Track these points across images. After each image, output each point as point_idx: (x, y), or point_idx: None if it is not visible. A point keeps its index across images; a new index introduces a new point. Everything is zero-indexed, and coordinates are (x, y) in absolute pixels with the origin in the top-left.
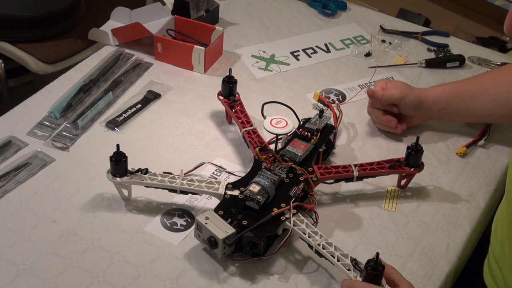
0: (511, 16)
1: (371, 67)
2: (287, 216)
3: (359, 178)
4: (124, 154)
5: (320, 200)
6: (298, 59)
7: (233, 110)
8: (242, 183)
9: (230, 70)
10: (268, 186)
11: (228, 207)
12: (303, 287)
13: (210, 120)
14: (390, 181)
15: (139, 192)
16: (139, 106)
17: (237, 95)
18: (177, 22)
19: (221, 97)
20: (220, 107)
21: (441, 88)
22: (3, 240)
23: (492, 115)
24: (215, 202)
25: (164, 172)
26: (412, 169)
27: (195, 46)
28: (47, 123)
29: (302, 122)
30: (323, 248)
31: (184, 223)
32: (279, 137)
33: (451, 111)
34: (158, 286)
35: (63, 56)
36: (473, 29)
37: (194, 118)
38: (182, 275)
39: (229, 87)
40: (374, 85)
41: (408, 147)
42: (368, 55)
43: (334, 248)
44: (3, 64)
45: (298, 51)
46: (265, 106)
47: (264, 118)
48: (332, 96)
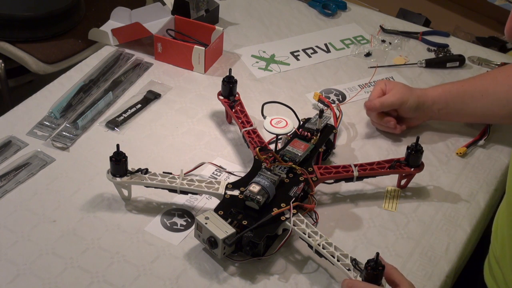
0: None
1: (371, 67)
2: (287, 216)
3: (359, 178)
4: (124, 154)
5: (320, 200)
6: (298, 59)
7: (233, 110)
8: (242, 183)
9: (230, 70)
10: (268, 186)
11: (228, 207)
12: (303, 287)
13: (210, 120)
14: (390, 181)
15: (139, 192)
16: (139, 106)
17: (237, 95)
18: (177, 22)
19: (221, 97)
20: (220, 107)
21: (441, 88)
22: (3, 240)
23: (492, 115)
24: (215, 202)
25: (164, 172)
26: (412, 169)
27: (195, 46)
28: (47, 123)
29: (302, 122)
30: (323, 248)
31: (184, 223)
32: (279, 137)
33: (451, 111)
34: (158, 286)
35: (63, 56)
36: (473, 29)
37: (194, 118)
38: (182, 275)
39: (229, 87)
40: (374, 85)
41: (408, 147)
42: (368, 55)
43: (334, 248)
44: (3, 64)
45: (298, 51)
46: (265, 106)
47: (264, 118)
48: (332, 96)
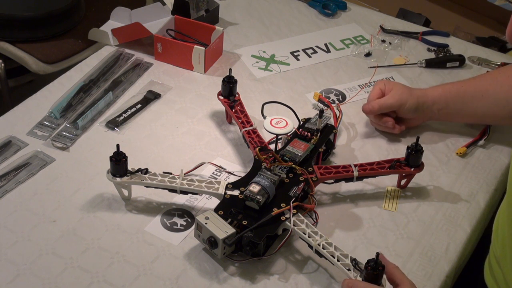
0: None
1: (371, 67)
2: (287, 216)
3: (359, 178)
4: (124, 154)
5: (320, 200)
6: (298, 59)
7: (233, 110)
8: (242, 183)
9: (230, 70)
10: (268, 186)
11: (228, 207)
12: (303, 287)
13: (210, 120)
14: (390, 181)
15: (139, 192)
16: (139, 106)
17: (237, 95)
18: (177, 22)
19: (221, 97)
20: (220, 107)
21: (441, 88)
22: (3, 240)
23: (492, 116)
24: (215, 202)
25: (164, 172)
26: (412, 169)
27: (195, 46)
28: (47, 123)
29: (302, 122)
30: (323, 248)
31: (184, 223)
32: (279, 137)
33: (451, 111)
34: (158, 286)
35: (63, 56)
36: (473, 29)
37: (194, 118)
38: (182, 275)
39: (229, 87)
40: (373, 85)
41: (408, 147)
42: (368, 55)
43: (334, 248)
44: (3, 64)
45: (298, 51)
46: (265, 106)
47: (264, 118)
48: (332, 96)
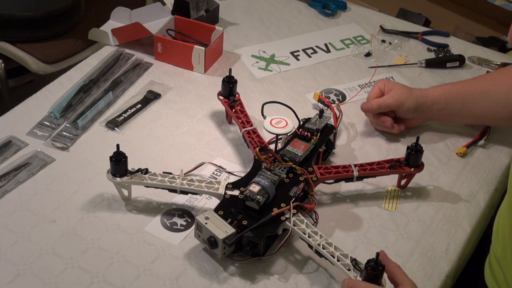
0: None
1: (371, 67)
2: (287, 216)
3: (359, 178)
4: (124, 154)
5: (320, 200)
6: (298, 59)
7: (233, 110)
8: (242, 183)
9: (230, 70)
10: (268, 186)
11: (228, 207)
12: (303, 287)
13: (210, 120)
14: (390, 181)
15: (139, 192)
16: (139, 106)
17: (237, 95)
18: (177, 22)
19: (221, 97)
20: (220, 107)
21: (441, 88)
22: (3, 240)
23: (492, 117)
24: (215, 202)
25: (164, 172)
26: (412, 169)
27: (195, 46)
28: (47, 123)
29: (302, 122)
30: (323, 248)
31: (184, 223)
32: (279, 137)
33: (451, 111)
34: (158, 286)
35: (63, 56)
36: (473, 29)
37: (194, 118)
38: (182, 275)
39: (229, 87)
40: (373, 85)
41: (408, 147)
42: (368, 55)
43: (334, 248)
44: (3, 64)
45: (298, 51)
46: (265, 106)
47: (264, 118)
48: (332, 96)
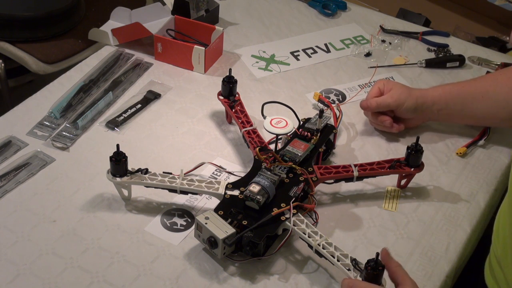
0: None
1: (371, 67)
2: (287, 216)
3: (359, 178)
4: (124, 154)
5: (320, 200)
6: (298, 59)
7: (233, 110)
8: (242, 183)
9: (230, 70)
10: (268, 186)
11: (228, 207)
12: (303, 287)
13: (210, 120)
14: (390, 181)
15: (139, 192)
16: (139, 106)
17: (237, 95)
18: (177, 22)
19: (221, 97)
20: (220, 107)
21: (441, 88)
22: (3, 240)
23: (492, 117)
24: (215, 202)
25: (164, 172)
26: (412, 169)
27: (195, 46)
28: (47, 123)
29: (302, 122)
30: (323, 248)
31: (184, 223)
32: (279, 137)
33: (451, 112)
34: (158, 286)
35: (63, 56)
36: (473, 29)
37: (194, 118)
38: (182, 275)
39: (229, 87)
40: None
41: (408, 147)
42: (368, 55)
43: (334, 248)
44: (3, 64)
45: (298, 51)
46: (265, 106)
47: (264, 118)
48: (332, 96)
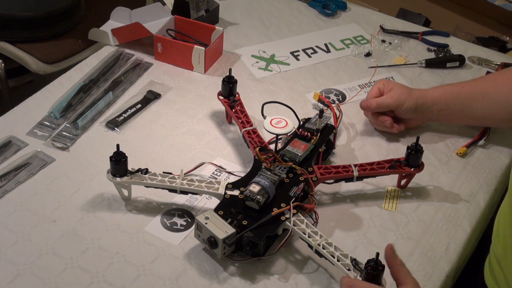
0: None
1: (371, 67)
2: (287, 216)
3: (359, 178)
4: (124, 154)
5: (320, 200)
6: (298, 59)
7: (233, 110)
8: (242, 183)
9: (230, 70)
10: (268, 186)
11: (228, 207)
12: (303, 287)
13: (210, 120)
14: (390, 181)
15: (139, 192)
16: (139, 106)
17: (237, 95)
18: (177, 22)
19: (221, 97)
20: (220, 107)
21: (441, 89)
22: (3, 240)
23: (492, 118)
24: (215, 202)
25: (164, 172)
26: (412, 169)
27: (195, 46)
28: (47, 123)
29: (302, 122)
30: (323, 248)
31: (184, 223)
32: (279, 137)
33: (451, 112)
34: (158, 286)
35: (63, 56)
36: (473, 29)
37: (194, 118)
38: (182, 275)
39: (229, 87)
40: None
41: (408, 147)
42: (368, 55)
43: (334, 248)
44: (3, 64)
45: (298, 51)
46: (265, 106)
47: (264, 118)
48: (332, 96)
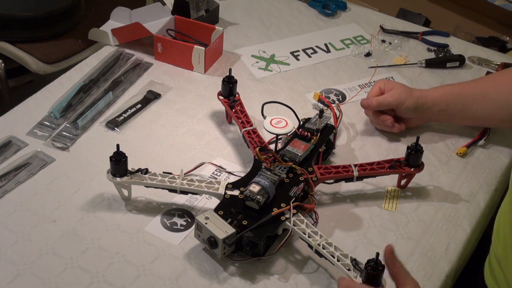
0: None
1: (371, 67)
2: (287, 216)
3: (359, 178)
4: (124, 154)
5: (320, 200)
6: (298, 59)
7: (233, 110)
8: (242, 183)
9: (230, 70)
10: (268, 186)
11: (228, 207)
12: (303, 287)
13: (210, 120)
14: (390, 181)
15: (139, 192)
16: (139, 106)
17: (237, 95)
18: (177, 22)
19: (221, 97)
20: (220, 107)
21: (441, 89)
22: (3, 240)
23: (492, 118)
24: (215, 202)
25: (164, 172)
26: (412, 169)
27: (195, 46)
28: (47, 123)
29: (302, 122)
30: (323, 248)
31: (184, 223)
32: (279, 137)
33: (451, 112)
34: (158, 286)
35: (63, 56)
36: (473, 29)
37: (194, 118)
38: (182, 275)
39: (229, 87)
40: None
41: (408, 147)
42: (368, 55)
43: (334, 248)
44: (3, 64)
45: (298, 51)
46: (265, 106)
47: (264, 118)
48: (332, 96)
